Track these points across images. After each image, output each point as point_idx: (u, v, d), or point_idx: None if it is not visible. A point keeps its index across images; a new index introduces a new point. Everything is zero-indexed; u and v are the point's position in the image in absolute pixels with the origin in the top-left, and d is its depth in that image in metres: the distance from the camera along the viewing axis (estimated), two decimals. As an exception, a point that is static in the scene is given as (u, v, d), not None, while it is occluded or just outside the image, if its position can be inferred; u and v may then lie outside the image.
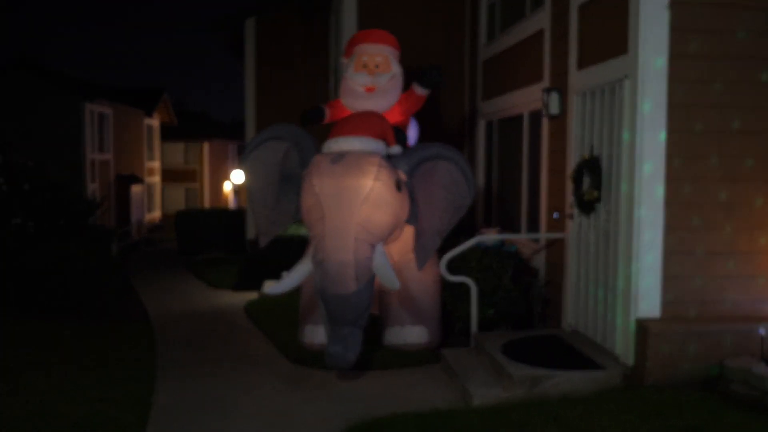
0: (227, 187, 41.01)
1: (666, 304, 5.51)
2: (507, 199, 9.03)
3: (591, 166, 6.02)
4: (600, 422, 4.53)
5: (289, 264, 11.83)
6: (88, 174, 24.32)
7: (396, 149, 6.38)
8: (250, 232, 16.29)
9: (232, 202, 40.64)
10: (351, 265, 5.69)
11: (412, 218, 6.36)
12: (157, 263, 16.93)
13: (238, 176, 39.81)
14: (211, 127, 41.00)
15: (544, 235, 7.18)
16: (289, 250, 12.04)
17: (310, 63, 15.24)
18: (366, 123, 6.38)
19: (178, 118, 36.59)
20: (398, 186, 6.07)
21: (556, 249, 7.11)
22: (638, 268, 5.47)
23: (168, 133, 36.20)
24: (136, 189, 29.45)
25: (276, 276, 11.83)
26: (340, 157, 6.02)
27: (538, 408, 5.00)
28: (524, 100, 8.12)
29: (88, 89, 25.42)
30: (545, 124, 7.37)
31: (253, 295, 11.00)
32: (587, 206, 6.08)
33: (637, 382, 5.41)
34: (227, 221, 18.47)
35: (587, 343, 6.21)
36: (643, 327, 5.39)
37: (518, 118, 8.44)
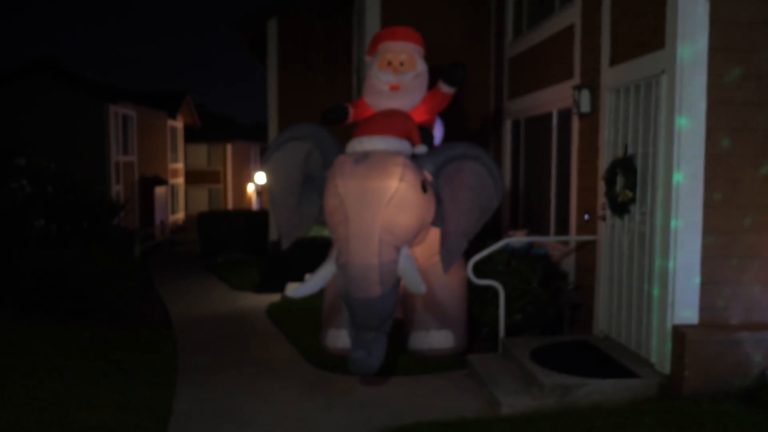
0: (250, 188, 41.20)
1: (704, 309, 5.26)
2: (534, 200, 8.79)
3: (625, 166, 5.78)
4: (637, 435, 4.29)
5: (312, 266, 11.69)
6: (113, 176, 24.44)
7: (421, 149, 6.19)
8: (273, 234, 16.19)
9: (255, 204, 40.80)
10: (375, 269, 5.51)
11: (438, 220, 6.17)
12: (180, 265, 16.90)
13: (261, 177, 39.99)
14: (234, 128, 41.12)
15: (574, 237, 6.95)
16: (312, 251, 11.92)
17: (333, 63, 15.12)
18: (390, 122, 6.20)
19: (201, 120, 36.72)
20: (424, 187, 5.88)
21: (586, 252, 6.87)
22: (675, 272, 5.23)
23: (191, 135, 36.35)
24: (159, 190, 29.57)
25: (299, 278, 11.81)
26: (363, 157, 5.85)
27: (569, 418, 4.78)
28: (553, 98, 7.89)
29: (110, 91, 25.55)
30: (575, 122, 7.14)
31: (275, 298, 10.89)
32: (621, 207, 5.84)
33: (673, 392, 5.17)
34: (249, 222, 18.39)
35: (620, 350, 5.97)
36: (680, 334, 5.15)
37: (546, 117, 8.20)
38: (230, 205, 36.96)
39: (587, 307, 6.82)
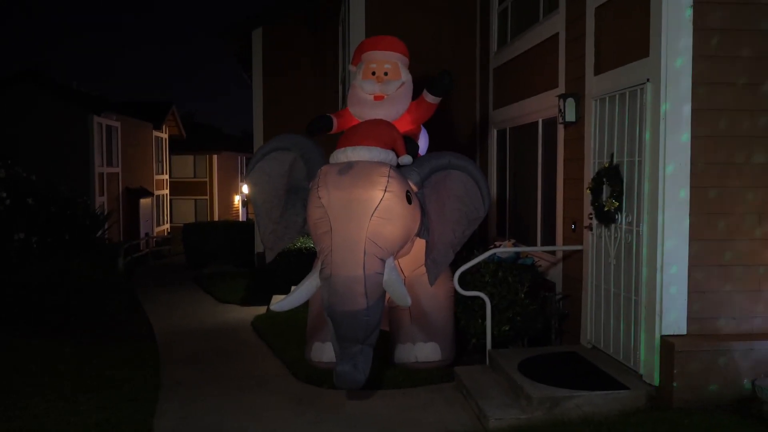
0: (237, 199, 41.01)
1: (692, 319, 5.22)
2: (521, 210, 8.75)
3: (611, 175, 5.75)
4: (628, 449, 4.22)
5: (298, 278, 11.57)
6: (97, 187, 24.22)
7: (406, 159, 6.13)
8: (259, 246, 16.08)
9: (241, 215, 40.60)
10: (360, 281, 5.43)
11: (424, 231, 6.11)
12: (165, 277, 16.71)
13: (247, 189, 39.81)
14: (220, 139, 40.97)
15: (561, 247, 6.90)
16: (299, 263, 11.82)
17: (319, 73, 15.09)
18: (375, 132, 6.13)
19: (186, 131, 36.56)
20: (409, 198, 5.81)
21: (573, 261, 6.83)
22: (662, 281, 5.18)
23: (177, 146, 36.18)
24: (144, 202, 29.35)
25: (285, 290, 11.68)
26: (348, 167, 5.78)
27: (559, 431, 4.70)
28: (538, 107, 7.86)
29: (95, 102, 25.39)
30: (561, 131, 7.11)
31: (261, 310, 10.76)
32: (607, 216, 5.80)
33: (663, 404, 5.11)
34: (235, 234, 18.26)
35: (608, 361, 5.91)
36: (668, 344, 5.10)
37: (532, 126, 8.18)
38: (216, 217, 36.75)
39: (575, 318, 6.76)
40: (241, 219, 38.70)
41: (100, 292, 10.20)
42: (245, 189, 40.10)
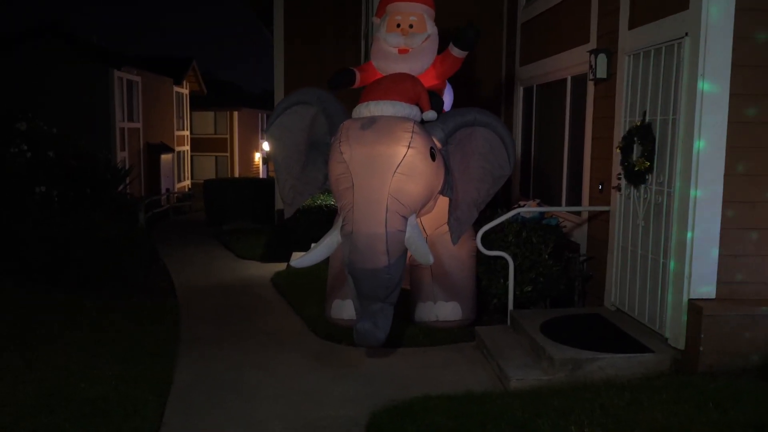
0: (257, 156, 40.98)
1: (722, 284, 5.07)
2: (546, 169, 8.57)
3: (643, 134, 5.55)
4: (651, 413, 4.13)
5: (317, 235, 11.53)
6: (118, 142, 24.24)
7: (431, 115, 5.96)
8: (279, 203, 16.04)
9: (262, 172, 40.62)
10: (382, 239, 5.33)
11: (447, 189, 5.98)
12: (185, 233, 16.78)
13: (267, 145, 39.64)
14: (241, 96, 40.73)
15: (587, 208, 6.74)
16: (318, 220, 11.77)
17: (342, 27, 14.81)
18: (399, 86, 5.96)
19: (207, 88, 36.32)
20: (433, 154, 5.67)
21: (599, 223, 6.67)
22: (693, 245, 5.03)
23: (197, 103, 36.01)
24: (165, 158, 29.39)
25: (304, 247, 11.64)
26: (370, 122, 5.63)
27: (581, 394, 4.62)
28: (568, 63, 7.61)
29: (115, 56, 25.22)
30: (591, 88, 6.88)
31: (281, 267, 10.75)
32: (638, 177, 5.62)
33: (688, 368, 5.01)
34: (256, 191, 18.23)
35: (633, 324, 5.80)
36: (696, 308, 4.97)
37: (560, 83, 7.94)
38: (237, 174, 36.78)
39: (599, 280, 6.64)
40: (261, 176, 38.73)
41: (121, 246, 10.20)
42: (266, 146, 40.02)
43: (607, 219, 6.42)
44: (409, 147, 5.49)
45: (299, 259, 5.66)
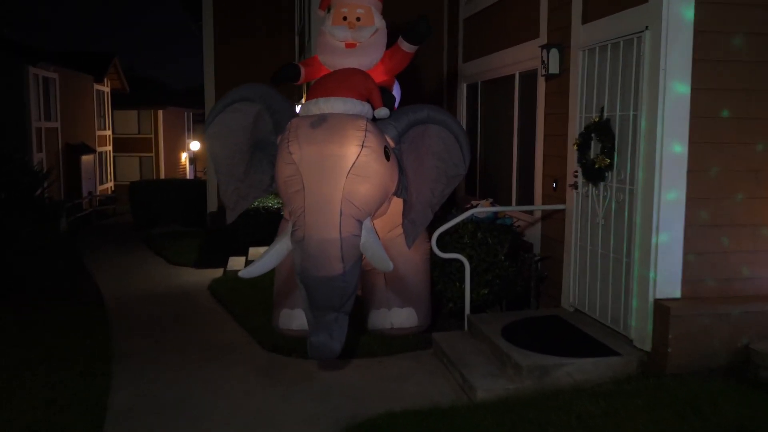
0: (184, 156, 39.72)
1: (687, 282, 4.98)
2: (494, 168, 8.40)
3: (601, 130, 5.41)
4: (632, 423, 3.96)
5: (255, 239, 11.08)
6: (34, 143, 22.88)
7: (383, 112, 5.65)
8: (212, 205, 15.44)
9: (189, 173, 39.40)
10: (336, 244, 4.99)
11: (401, 190, 5.68)
12: (111, 238, 15.92)
13: (195, 145, 38.48)
14: (166, 93, 39.36)
15: (542, 207, 6.58)
16: (257, 223, 11.30)
17: (275, 23, 14.36)
18: (349, 82, 5.63)
19: (130, 85, 34.89)
20: (387, 154, 5.37)
21: (553, 221, 6.53)
22: (657, 243, 4.91)
23: (120, 101, 34.53)
24: (86, 159, 28.01)
25: (242, 252, 11.16)
26: (321, 120, 5.28)
27: (553, 402, 4.43)
28: (516, 59, 7.45)
29: (30, 52, 23.80)
30: (541, 84, 6.73)
31: (217, 273, 10.24)
32: (597, 174, 5.48)
33: (656, 369, 4.89)
34: (186, 192, 17.53)
35: (594, 325, 5.66)
36: (662, 308, 4.85)
37: (508, 80, 7.78)
38: (163, 175, 35.48)
39: (554, 280, 6.50)
40: (188, 177, 37.55)
41: (42, 254, 9.50)
42: (193, 146, 38.83)
43: (563, 218, 6.28)
44: (362, 146, 5.17)
45: (247, 269, 5.24)
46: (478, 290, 6.28)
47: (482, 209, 6.51)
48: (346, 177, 5.10)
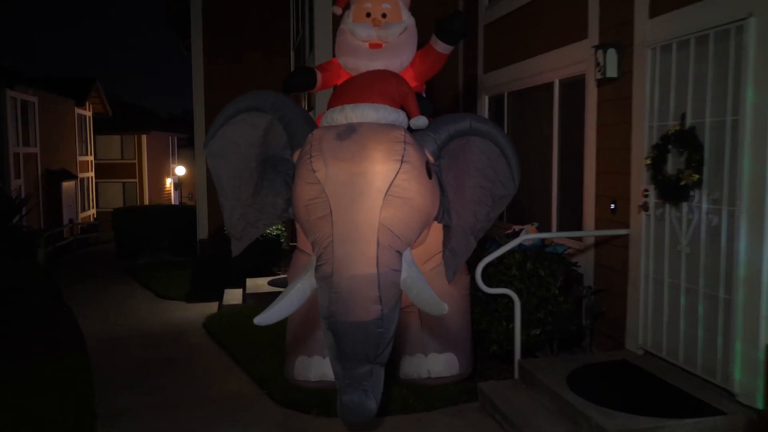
0: (168, 182, 38.58)
1: (802, 323, 4.07)
2: (528, 188, 7.48)
3: (684, 140, 4.53)
4: None
5: (249, 268, 10.03)
6: (12, 169, 21.76)
7: (421, 121, 4.73)
8: (202, 231, 14.44)
9: (174, 199, 38.26)
10: (372, 282, 4.04)
11: (444, 214, 4.75)
12: (94, 269, 14.80)
13: (180, 170, 37.40)
14: (150, 118, 38.27)
15: (603, 232, 5.64)
16: (251, 251, 10.31)
17: (268, 40, 13.54)
18: (380, 85, 4.73)
19: (113, 110, 33.80)
20: (429, 171, 4.46)
21: (612, 249, 5.63)
22: None
23: (102, 125, 33.41)
24: (67, 185, 26.85)
25: (238, 284, 10.15)
26: (350, 131, 4.36)
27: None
28: (555, 65, 6.60)
29: (8, 74, 22.75)
30: (592, 91, 5.87)
31: (212, 308, 9.23)
32: (680, 193, 4.58)
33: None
34: (174, 219, 16.50)
35: (677, 374, 4.73)
36: (775, 356, 3.94)
37: (543, 89, 6.92)
38: (147, 201, 34.31)
39: (613, 317, 5.59)
40: (173, 203, 36.39)
41: (16, 289, 8.45)
42: (179, 171, 37.74)
43: (625, 244, 5.38)
44: (402, 161, 4.25)
45: (263, 315, 4.22)
46: (529, 330, 5.34)
47: (530, 236, 5.58)
48: (384, 199, 4.17)
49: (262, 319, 4.18)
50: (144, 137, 35.06)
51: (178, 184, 39.52)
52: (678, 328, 4.76)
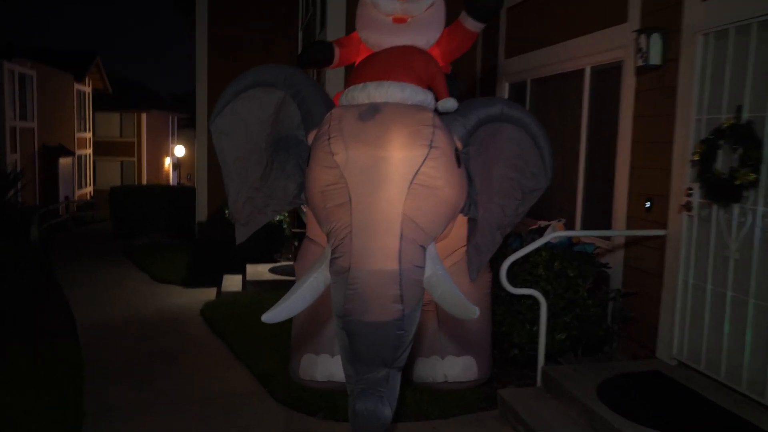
0: (167, 162, 38.10)
1: None
2: (552, 182, 7.06)
3: (740, 135, 4.12)
4: None
5: (251, 254, 9.62)
6: (8, 143, 21.31)
7: (450, 104, 4.28)
8: (201, 213, 14.02)
9: (172, 179, 37.80)
10: (394, 278, 3.63)
11: (471, 206, 4.34)
12: (89, 248, 14.40)
13: (179, 150, 36.92)
14: (150, 96, 37.72)
15: (639, 232, 5.23)
16: (253, 235, 9.90)
17: (275, 8, 13.10)
18: (406, 62, 4.30)
19: (113, 87, 33.25)
20: (458, 158, 4.05)
21: (644, 250, 5.23)
22: (825, 288, 3.62)
23: (101, 102, 32.87)
24: (64, 162, 26.39)
25: (238, 269, 9.75)
26: (373, 111, 3.93)
27: None
28: (586, 50, 6.16)
29: (6, 46, 22.23)
30: (629, 79, 5.44)
31: (210, 294, 8.86)
32: (731, 193, 4.18)
33: (825, 459, 3.59)
34: (172, 200, 16.11)
35: (716, 388, 4.35)
36: (835, 376, 3.56)
37: (572, 76, 6.49)
38: (145, 180, 33.83)
39: (643, 322, 5.20)
40: (171, 183, 35.93)
41: (5, 268, 8.04)
42: (178, 151, 37.23)
43: (661, 246, 4.98)
44: (430, 146, 3.83)
45: (272, 312, 3.81)
46: (554, 334, 4.96)
47: (558, 233, 5.17)
48: (409, 187, 3.76)
49: (271, 316, 3.77)
50: (144, 116, 34.56)
51: (177, 165, 39.05)
52: (720, 340, 4.37)
